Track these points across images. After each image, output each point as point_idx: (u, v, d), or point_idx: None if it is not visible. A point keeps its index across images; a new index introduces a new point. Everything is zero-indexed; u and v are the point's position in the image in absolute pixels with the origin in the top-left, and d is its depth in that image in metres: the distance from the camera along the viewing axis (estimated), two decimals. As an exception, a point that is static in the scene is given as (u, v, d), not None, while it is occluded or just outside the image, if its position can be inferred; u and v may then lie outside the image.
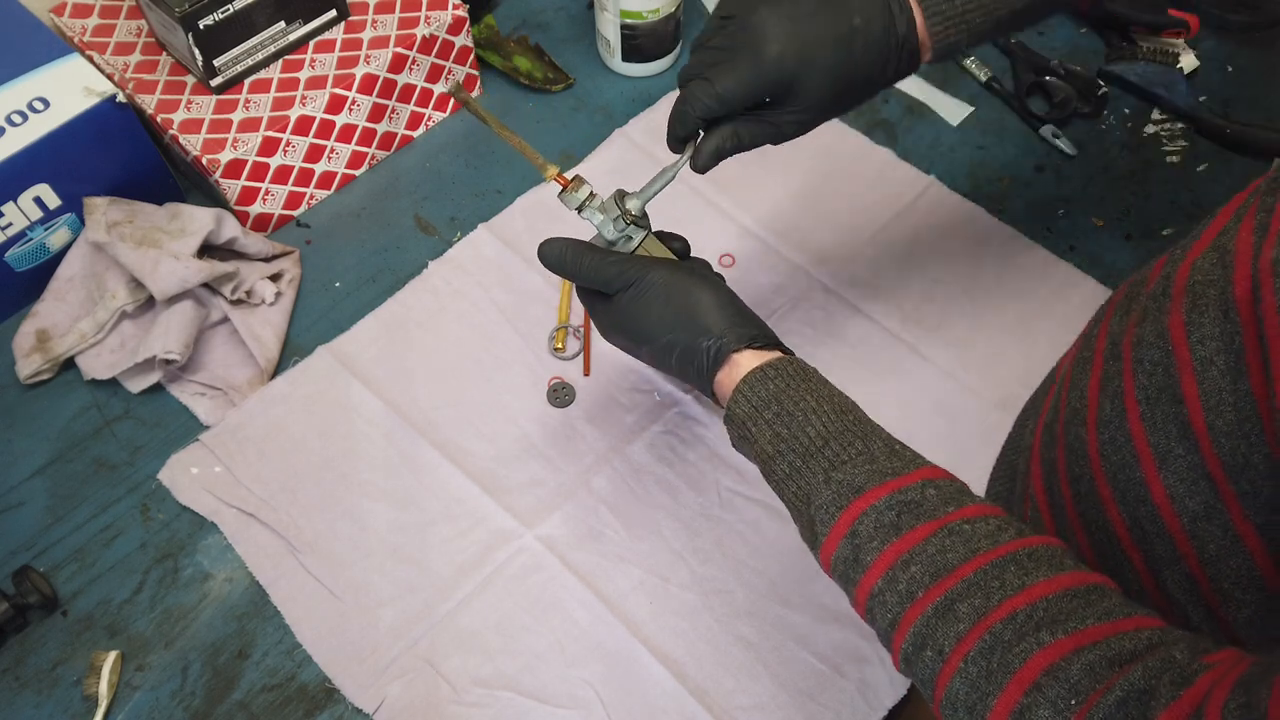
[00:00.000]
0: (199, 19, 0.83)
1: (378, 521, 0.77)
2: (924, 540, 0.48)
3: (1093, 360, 0.57)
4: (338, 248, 0.92)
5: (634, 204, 0.63)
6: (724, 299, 0.60)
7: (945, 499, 0.50)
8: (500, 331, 0.86)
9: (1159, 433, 0.50)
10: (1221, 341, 0.45)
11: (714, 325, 0.58)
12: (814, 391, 0.55)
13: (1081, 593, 0.45)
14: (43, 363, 0.82)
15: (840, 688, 0.70)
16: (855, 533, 0.50)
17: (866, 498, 0.50)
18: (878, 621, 0.49)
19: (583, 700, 0.70)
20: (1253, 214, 0.47)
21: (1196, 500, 0.49)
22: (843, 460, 0.52)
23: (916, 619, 0.47)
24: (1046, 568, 0.46)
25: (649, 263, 0.62)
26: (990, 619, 0.45)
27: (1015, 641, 0.44)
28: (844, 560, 0.50)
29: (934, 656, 0.46)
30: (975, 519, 0.49)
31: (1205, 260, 0.49)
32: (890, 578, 0.48)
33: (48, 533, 0.77)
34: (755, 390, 0.56)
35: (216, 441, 0.80)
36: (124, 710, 0.70)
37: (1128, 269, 0.90)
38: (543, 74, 1.02)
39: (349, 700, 0.70)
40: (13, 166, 0.79)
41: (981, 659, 0.44)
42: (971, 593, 0.46)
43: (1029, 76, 1.01)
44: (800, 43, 0.60)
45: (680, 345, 0.59)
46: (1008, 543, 0.47)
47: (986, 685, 0.44)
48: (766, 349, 0.58)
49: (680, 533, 0.77)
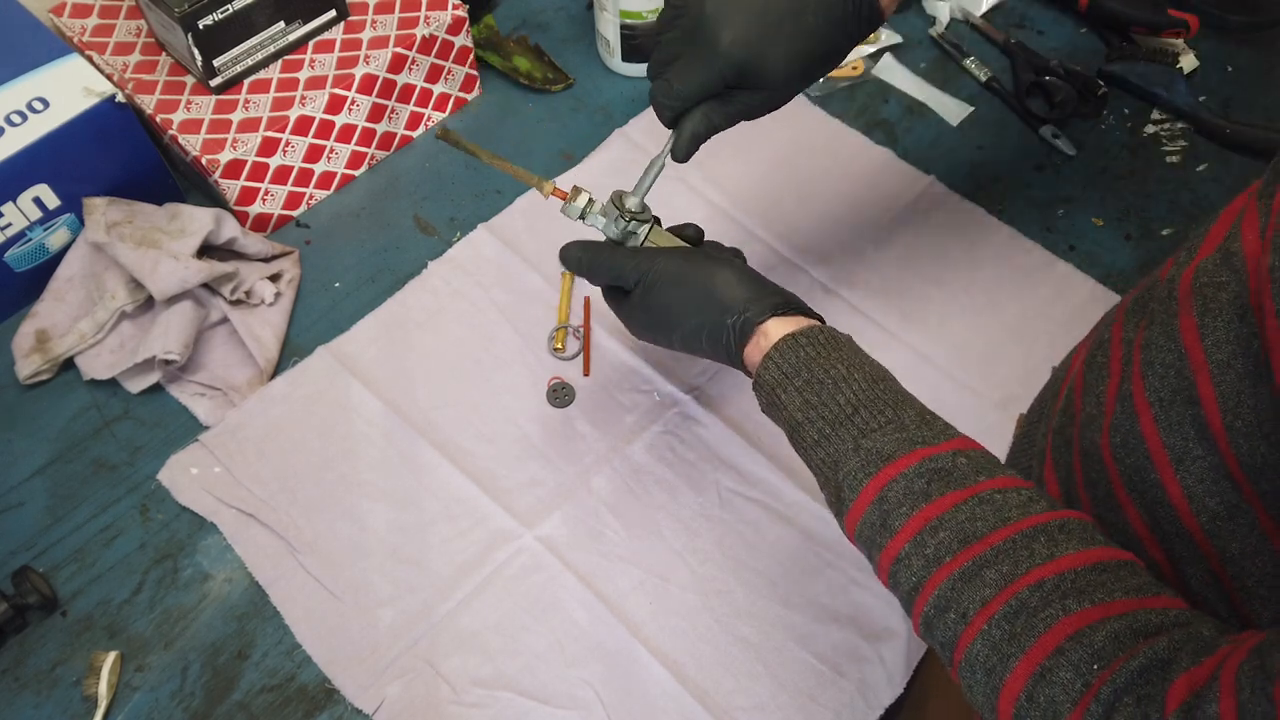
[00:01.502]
0: (198, 19, 0.83)
1: (377, 521, 0.77)
2: (954, 507, 0.48)
3: (1108, 366, 0.57)
4: (337, 248, 0.92)
5: (632, 201, 0.64)
6: (741, 274, 0.60)
7: (977, 468, 0.50)
8: (500, 331, 0.86)
9: (1174, 434, 0.50)
10: (1238, 345, 0.45)
11: (735, 301, 0.59)
12: (845, 359, 0.55)
13: (1111, 567, 0.45)
14: (42, 363, 0.82)
15: (840, 687, 0.70)
16: (884, 498, 0.50)
17: (896, 465, 0.50)
18: (900, 585, 0.49)
19: (582, 700, 0.70)
20: (1255, 217, 0.47)
21: (1217, 500, 0.48)
22: (872, 428, 0.52)
23: (942, 582, 0.47)
24: (1077, 541, 0.46)
25: (659, 252, 0.62)
26: (1017, 585, 0.45)
27: (1041, 608, 0.44)
28: (870, 525, 0.50)
29: (956, 619, 0.46)
30: (1007, 489, 0.49)
31: (1210, 263, 0.49)
32: (918, 542, 0.48)
33: (47, 533, 0.77)
34: (785, 357, 0.56)
35: (216, 442, 0.80)
36: (124, 711, 0.70)
37: (1127, 269, 0.90)
38: (542, 74, 1.02)
39: (349, 700, 0.70)
40: (12, 167, 0.79)
41: (1005, 622, 0.44)
42: (1000, 560, 0.46)
43: (1029, 76, 1.01)
44: (752, 28, 0.59)
45: (707, 326, 0.60)
46: (1039, 514, 0.47)
47: (1009, 648, 0.44)
48: (794, 315, 0.58)
49: (680, 533, 0.77)
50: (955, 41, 1.06)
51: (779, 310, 0.58)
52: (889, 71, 1.04)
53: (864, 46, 1.05)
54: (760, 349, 0.58)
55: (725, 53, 0.60)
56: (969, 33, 1.07)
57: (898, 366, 0.84)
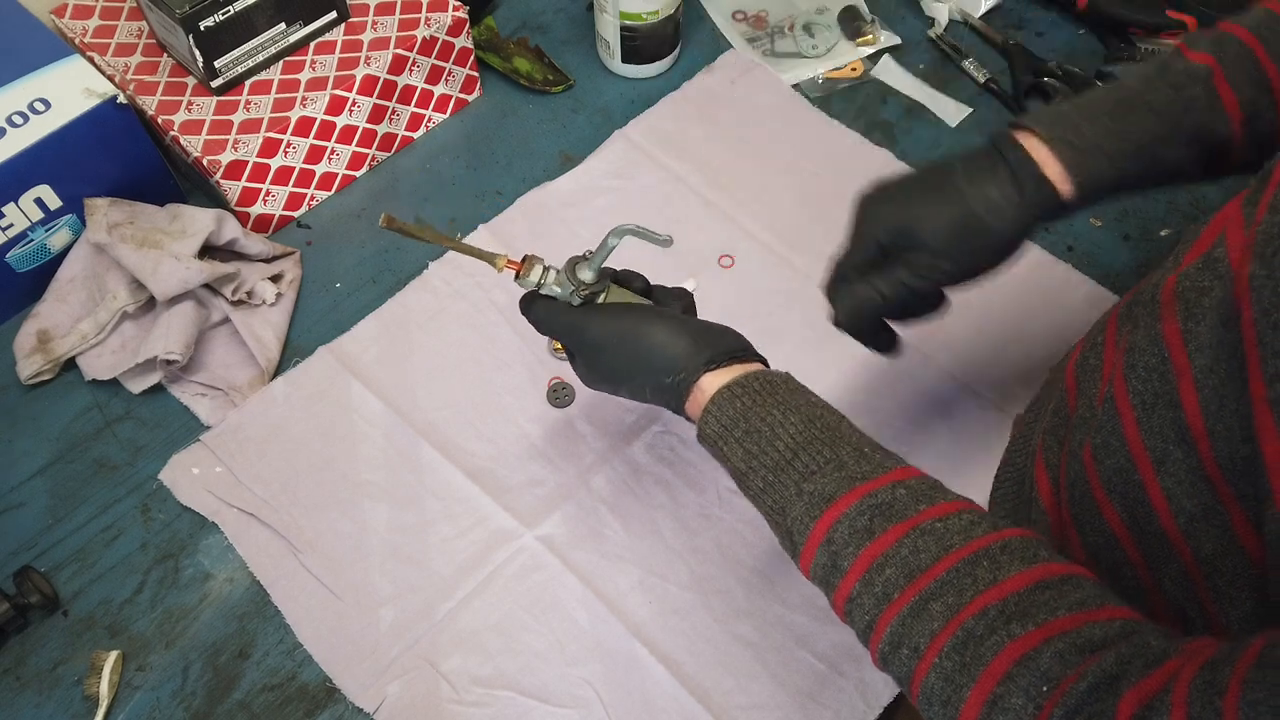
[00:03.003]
0: (199, 20, 0.83)
1: (378, 521, 0.77)
2: (897, 542, 0.49)
3: (1100, 370, 0.57)
4: (338, 249, 0.92)
5: (586, 274, 0.62)
6: (675, 329, 0.59)
7: (916, 498, 0.50)
8: (500, 332, 0.86)
9: (1156, 436, 0.50)
10: (1222, 350, 0.46)
11: (670, 360, 0.58)
12: (780, 404, 0.55)
13: (1054, 584, 0.46)
14: (44, 363, 0.82)
15: (839, 687, 0.70)
16: (830, 540, 0.50)
17: (838, 505, 0.51)
18: (855, 624, 0.50)
19: (582, 700, 0.70)
20: (1240, 225, 0.48)
21: (1194, 501, 0.49)
22: (812, 470, 0.52)
23: (892, 620, 0.47)
24: (1019, 561, 0.47)
25: (591, 314, 0.62)
26: (962, 615, 0.45)
27: (987, 635, 0.44)
28: (823, 567, 0.51)
29: (909, 654, 0.47)
30: (949, 515, 0.49)
31: (1194, 269, 0.49)
32: (866, 581, 0.49)
33: (49, 533, 0.77)
34: (723, 410, 0.56)
35: (217, 442, 0.80)
36: (124, 710, 0.70)
37: (1126, 270, 0.90)
38: (542, 75, 1.02)
39: (349, 700, 0.70)
40: (14, 167, 0.79)
41: (955, 654, 0.45)
42: (944, 591, 0.46)
43: (1027, 78, 1.01)
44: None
45: (647, 385, 0.60)
46: (980, 537, 0.48)
47: (960, 678, 0.44)
48: (730, 363, 0.58)
49: (679, 532, 0.77)
50: (954, 43, 1.06)
51: (711, 365, 0.58)
52: (888, 73, 1.04)
53: (863, 48, 1.05)
54: (699, 404, 0.58)
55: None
56: (968, 34, 1.08)
57: (898, 367, 0.85)
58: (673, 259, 0.67)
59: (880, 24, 1.07)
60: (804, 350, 0.84)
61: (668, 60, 1.03)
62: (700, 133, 0.99)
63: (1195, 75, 0.60)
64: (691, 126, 0.99)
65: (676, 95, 1.01)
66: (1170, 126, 0.59)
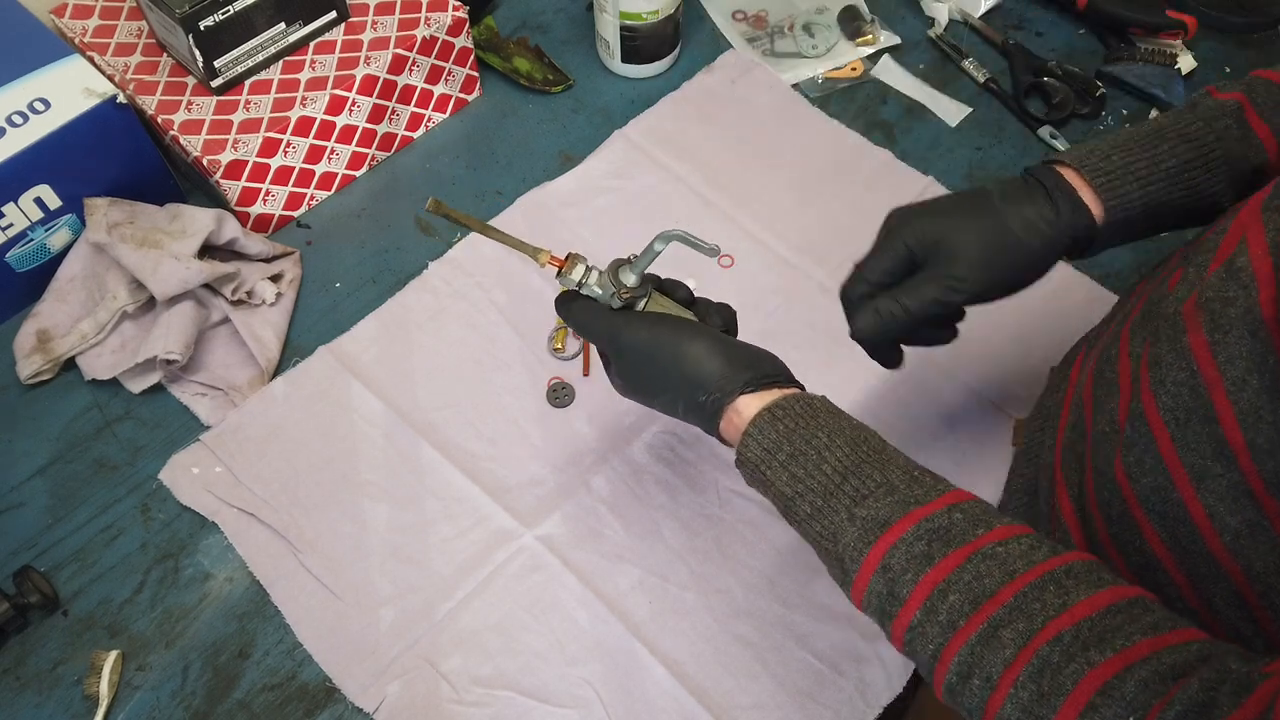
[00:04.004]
0: (199, 20, 0.83)
1: (378, 521, 0.77)
2: (958, 568, 0.47)
3: (1116, 382, 0.57)
4: (338, 248, 0.92)
5: (629, 278, 0.61)
6: (713, 346, 0.58)
7: (973, 522, 0.49)
8: (500, 332, 0.86)
9: (1192, 452, 0.49)
10: (1252, 361, 0.45)
11: (707, 378, 0.57)
12: (824, 426, 0.54)
13: (1124, 608, 0.44)
14: (43, 363, 0.82)
15: (839, 687, 0.70)
16: (887, 567, 0.49)
17: (894, 531, 0.49)
18: (918, 654, 0.48)
19: (582, 699, 0.70)
20: (1261, 232, 0.47)
21: (1238, 518, 0.48)
22: (864, 494, 0.51)
23: (960, 648, 0.46)
24: (1086, 586, 0.45)
25: (630, 320, 0.60)
26: (1036, 642, 0.44)
27: (1064, 663, 0.43)
28: (878, 595, 0.50)
29: (981, 684, 0.45)
30: (1007, 540, 0.48)
31: (1216, 278, 0.49)
32: (929, 609, 0.47)
33: (48, 533, 0.77)
34: (765, 433, 0.54)
35: (217, 442, 0.80)
36: (124, 710, 0.70)
37: (1125, 269, 0.90)
38: (542, 75, 1.02)
39: (349, 700, 0.70)
40: (13, 167, 0.79)
41: (1031, 683, 0.43)
42: (1014, 617, 0.45)
43: (1027, 78, 1.01)
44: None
45: (681, 400, 0.58)
46: (1042, 562, 0.47)
47: (1039, 709, 0.43)
48: (769, 387, 0.57)
49: (679, 532, 0.77)
50: (954, 43, 1.06)
51: (749, 387, 0.56)
52: (888, 72, 1.04)
53: (863, 48, 1.05)
54: (736, 427, 0.56)
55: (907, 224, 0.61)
56: (967, 34, 1.08)
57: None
58: (673, 259, 0.67)
59: (880, 24, 1.07)
60: (803, 350, 0.84)
61: (668, 60, 1.03)
62: (700, 133, 0.99)
63: (1225, 109, 0.61)
64: (691, 126, 0.99)
65: (676, 95, 1.02)
66: (1201, 152, 0.60)
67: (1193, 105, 0.62)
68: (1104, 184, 0.60)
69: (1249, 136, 0.60)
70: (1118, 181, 0.59)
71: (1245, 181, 0.61)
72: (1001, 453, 0.80)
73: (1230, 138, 0.60)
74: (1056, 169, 0.61)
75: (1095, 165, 0.60)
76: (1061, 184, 0.60)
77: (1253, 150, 0.60)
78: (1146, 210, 0.60)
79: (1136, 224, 0.61)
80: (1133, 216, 0.60)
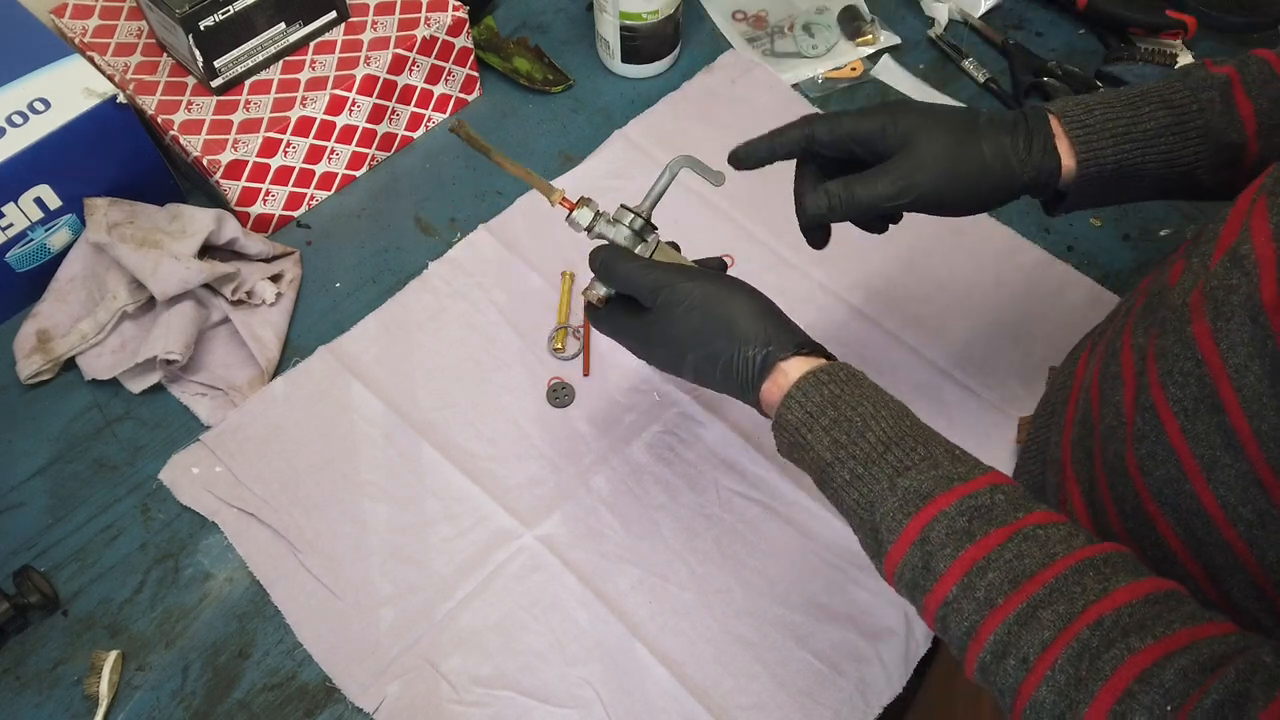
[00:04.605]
0: (199, 20, 0.83)
1: (378, 521, 0.77)
2: (999, 546, 0.47)
3: (1121, 375, 0.56)
4: (338, 248, 0.92)
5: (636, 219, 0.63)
6: (765, 307, 0.59)
7: (1014, 504, 0.49)
8: (500, 332, 0.86)
9: (1202, 443, 0.49)
10: (1253, 347, 0.45)
11: (758, 333, 0.57)
12: (869, 397, 0.54)
13: (1162, 598, 0.44)
14: (44, 363, 0.82)
15: (839, 687, 0.70)
16: (926, 539, 0.49)
17: (936, 503, 0.49)
18: (951, 630, 0.48)
19: (582, 699, 0.70)
20: (1264, 217, 0.47)
21: (1250, 508, 0.48)
22: (907, 466, 0.51)
23: (997, 626, 0.46)
24: (1125, 574, 0.45)
25: (685, 271, 0.60)
26: (1076, 625, 0.44)
27: (1104, 648, 0.43)
28: (912, 568, 0.49)
29: (1017, 665, 0.45)
30: (1047, 525, 0.48)
31: (1221, 268, 0.48)
32: (966, 584, 0.47)
33: (48, 533, 0.77)
34: (809, 396, 0.54)
35: (217, 442, 0.80)
36: (124, 710, 0.70)
37: (1126, 269, 0.90)
38: (542, 75, 1.02)
39: (349, 699, 0.70)
40: (13, 167, 0.79)
41: (1069, 666, 0.43)
42: (1054, 599, 0.45)
43: (1027, 78, 1.01)
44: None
45: (724, 355, 0.58)
46: (1081, 548, 0.47)
47: (1076, 693, 0.43)
48: (813, 355, 0.57)
49: (679, 532, 0.77)
50: (954, 43, 1.06)
51: (801, 349, 0.56)
52: (888, 73, 1.04)
53: (863, 48, 1.05)
54: (780, 387, 0.56)
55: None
56: (967, 34, 1.08)
57: (899, 368, 0.85)
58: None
59: (880, 24, 1.07)
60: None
61: (668, 60, 1.03)
62: (700, 133, 0.99)
63: (1214, 82, 0.61)
64: (691, 126, 0.99)
65: (676, 95, 1.02)
66: (1181, 119, 0.60)
67: (1184, 74, 0.63)
68: (1080, 136, 0.60)
69: (1232, 112, 0.60)
70: (1094, 136, 0.60)
71: (1225, 159, 0.61)
72: (1003, 452, 0.80)
73: (1213, 111, 0.60)
74: (1048, 113, 0.62)
75: (1075, 117, 0.61)
76: (1043, 127, 0.61)
77: (1234, 127, 0.60)
78: (1119, 171, 0.61)
79: (1110, 184, 0.61)
80: (1105, 174, 0.61)
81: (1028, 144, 0.61)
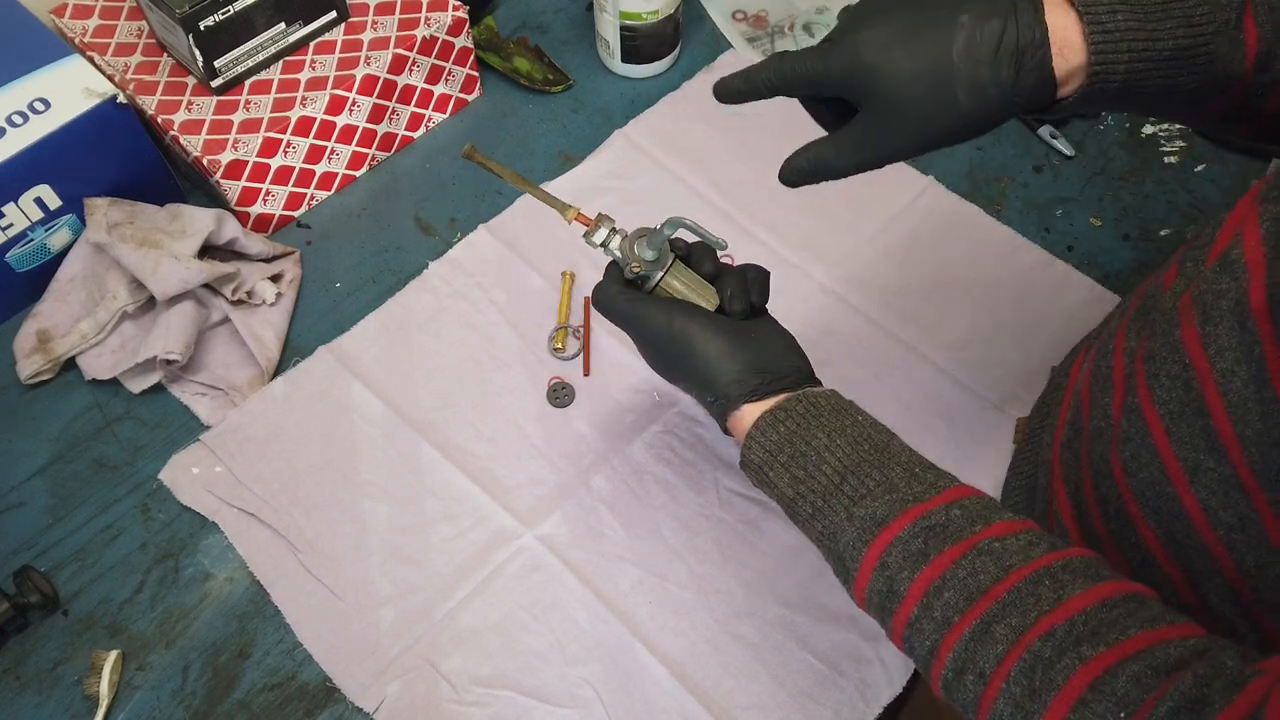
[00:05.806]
0: (199, 20, 0.83)
1: (378, 521, 0.77)
2: (953, 564, 0.47)
3: (1111, 377, 0.56)
4: (338, 248, 0.92)
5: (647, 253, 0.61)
6: (722, 349, 0.57)
7: (972, 518, 0.49)
8: (500, 332, 0.86)
9: (1186, 446, 0.49)
10: (1240, 352, 0.45)
11: (713, 382, 0.57)
12: (825, 426, 0.54)
13: (1120, 602, 0.44)
14: (44, 363, 0.82)
15: (839, 687, 0.70)
16: (885, 564, 0.49)
17: (890, 529, 0.49)
18: (916, 650, 0.49)
19: (582, 699, 0.70)
20: (1256, 223, 0.47)
21: (1230, 512, 0.48)
22: (862, 494, 0.51)
23: (955, 644, 0.46)
24: (1083, 580, 0.45)
25: (648, 310, 0.60)
26: (1028, 637, 0.44)
27: (1056, 658, 0.43)
28: (878, 593, 0.50)
29: (975, 680, 0.45)
30: (1005, 536, 0.48)
31: (1212, 272, 0.48)
32: (925, 605, 0.47)
33: (48, 533, 0.77)
34: (766, 435, 0.55)
35: (217, 442, 0.80)
36: (125, 710, 0.70)
37: (1126, 269, 0.90)
38: (542, 75, 1.02)
39: (349, 699, 0.70)
40: (13, 167, 0.79)
41: (1023, 678, 0.43)
42: (1007, 613, 0.45)
43: (1027, 77, 1.01)
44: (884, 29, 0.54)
45: (693, 394, 0.60)
46: (1040, 557, 0.46)
47: (1030, 704, 0.43)
48: (774, 394, 0.56)
49: (679, 532, 0.77)
50: (954, 42, 1.06)
51: (754, 395, 0.56)
52: (888, 72, 1.04)
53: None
54: (741, 429, 0.57)
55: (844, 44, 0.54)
56: (968, 34, 1.08)
57: (898, 367, 0.85)
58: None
59: (880, 24, 1.07)
60: (804, 350, 0.84)
61: (668, 60, 1.03)
62: (700, 132, 0.99)
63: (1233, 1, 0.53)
64: (691, 126, 0.99)
65: (676, 95, 1.02)
66: (1197, 43, 0.52)
67: None
68: (1099, 44, 0.51)
69: (1238, 38, 0.53)
70: (1111, 47, 0.51)
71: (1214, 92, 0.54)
72: (1001, 452, 0.80)
73: (1225, 36, 0.52)
74: (1049, 8, 0.51)
75: (1098, 19, 0.51)
76: (1041, 37, 0.51)
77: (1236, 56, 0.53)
78: (1122, 90, 0.53)
79: (1098, 102, 0.54)
80: (1109, 92, 0.52)
81: (1015, 66, 0.51)
